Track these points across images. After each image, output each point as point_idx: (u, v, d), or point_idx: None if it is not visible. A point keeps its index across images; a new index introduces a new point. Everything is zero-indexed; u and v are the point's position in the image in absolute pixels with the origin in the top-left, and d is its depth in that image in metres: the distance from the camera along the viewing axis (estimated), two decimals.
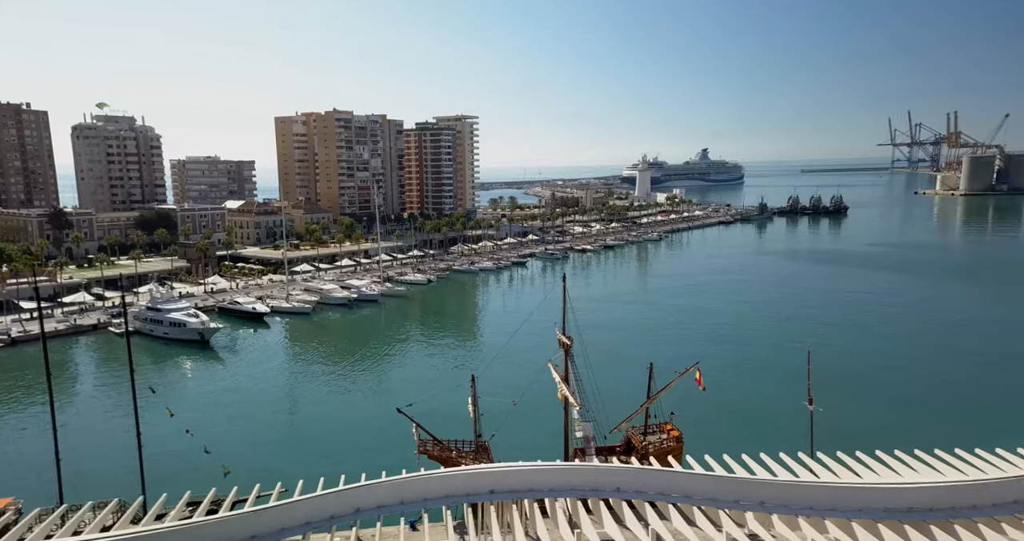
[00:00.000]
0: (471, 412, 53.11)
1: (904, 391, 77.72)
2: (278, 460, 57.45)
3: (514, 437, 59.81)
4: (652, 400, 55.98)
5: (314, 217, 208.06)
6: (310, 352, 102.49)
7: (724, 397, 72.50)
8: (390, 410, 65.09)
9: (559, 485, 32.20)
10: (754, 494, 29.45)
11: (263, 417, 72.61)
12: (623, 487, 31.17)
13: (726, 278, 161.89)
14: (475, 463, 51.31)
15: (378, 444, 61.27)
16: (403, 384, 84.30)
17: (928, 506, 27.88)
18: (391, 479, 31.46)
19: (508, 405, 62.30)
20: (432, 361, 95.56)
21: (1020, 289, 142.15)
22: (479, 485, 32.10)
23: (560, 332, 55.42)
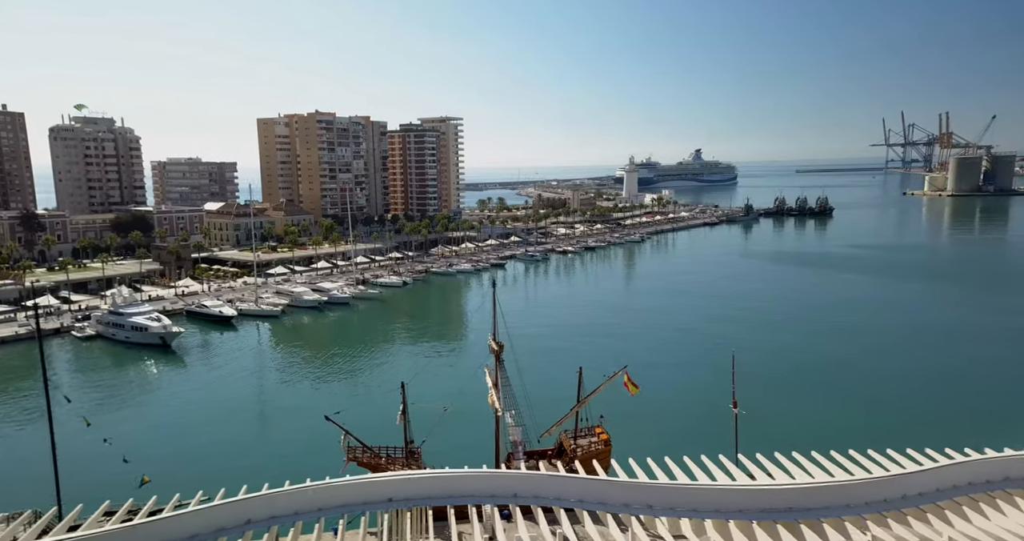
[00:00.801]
0: (398, 419, 53.21)
1: (839, 391, 79.04)
2: (207, 467, 57.25)
3: (448, 443, 59.86)
4: (581, 404, 56.30)
5: (294, 219, 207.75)
6: (268, 357, 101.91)
7: (661, 399, 73.21)
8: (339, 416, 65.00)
9: (457, 492, 32.29)
10: (642, 497, 29.91)
11: (201, 423, 72.25)
12: (520, 493, 31.39)
13: (694, 279, 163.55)
14: (404, 469, 51.55)
15: (316, 450, 61.02)
16: (348, 389, 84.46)
17: (806, 506, 28.53)
18: (284, 489, 31.32)
19: (443, 411, 62.31)
20: (384, 366, 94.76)
21: (986, 292, 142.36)
22: (377, 494, 32.09)
23: (491, 338, 55.64)
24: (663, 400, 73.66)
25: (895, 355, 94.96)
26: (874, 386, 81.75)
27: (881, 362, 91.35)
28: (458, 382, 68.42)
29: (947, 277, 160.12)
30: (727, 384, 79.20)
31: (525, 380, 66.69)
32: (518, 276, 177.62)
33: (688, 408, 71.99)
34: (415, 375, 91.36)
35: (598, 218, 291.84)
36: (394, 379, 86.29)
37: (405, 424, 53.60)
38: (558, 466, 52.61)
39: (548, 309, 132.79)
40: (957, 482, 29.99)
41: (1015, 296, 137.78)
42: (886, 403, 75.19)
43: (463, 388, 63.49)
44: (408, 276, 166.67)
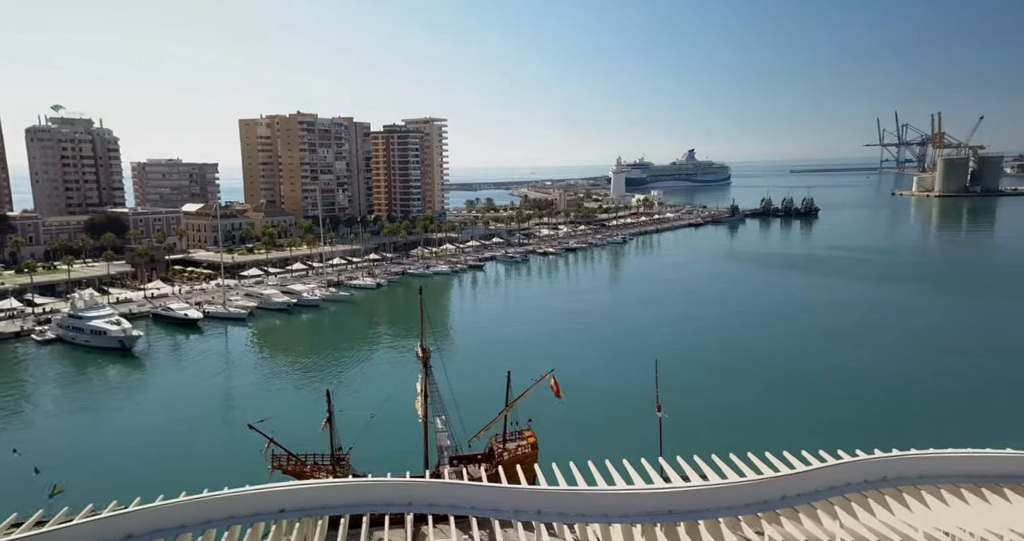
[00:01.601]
0: (322, 426, 53.16)
1: (782, 392, 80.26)
2: (132, 476, 57.05)
3: (380, 449, 59.97)
4: (509, 408, 56.57)
5: (274, 220, 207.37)
6: (225, 361, 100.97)
7: (598, 402, 74.46)
8: (267, 423, 64.90)
9: (351, 501, 32.24)
10: (531, 503, 30.28)
11: (135, 430, 71.75)
12: (415, 501, 31.44)
13: (667, 279, 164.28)
14: (330, 477, 51.53)
15: (249, 457, 60.80)
16: (292, 394, 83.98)
17: (686, 508, 28.92)
18: (172, 502, 31.08)
19: (378, 417, 62.32)
20: (334, 371, 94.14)
21: (950, 295, 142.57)
22: (268, 504, 31.93)
23: (418, 345, 55.66)
24: (601, 403, 74.36)
25: (845, 356, 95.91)
26: (818, 387, 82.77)
27: (828, 362, 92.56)
28: (399, 387, 68.35)
29: (916, 279, 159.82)
30: (666, 388, 79.66)
31: (466, 385, 66.71)
32: (494, 278, 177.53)
33: (622, 412, 72.23)
34: (358, 380, 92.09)
35: (582, 219, 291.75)
36: (340, 384, 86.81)
37: (331, 431, 53.62)
38: (481, 471, 53.07)
39: (511, 313, 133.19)
40: (835, 483, 30.38)
41: (975, 298, 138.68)
42: (825, 404, 76.26)
43: (399, 393, 63.52)
44: (383, 278, 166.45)
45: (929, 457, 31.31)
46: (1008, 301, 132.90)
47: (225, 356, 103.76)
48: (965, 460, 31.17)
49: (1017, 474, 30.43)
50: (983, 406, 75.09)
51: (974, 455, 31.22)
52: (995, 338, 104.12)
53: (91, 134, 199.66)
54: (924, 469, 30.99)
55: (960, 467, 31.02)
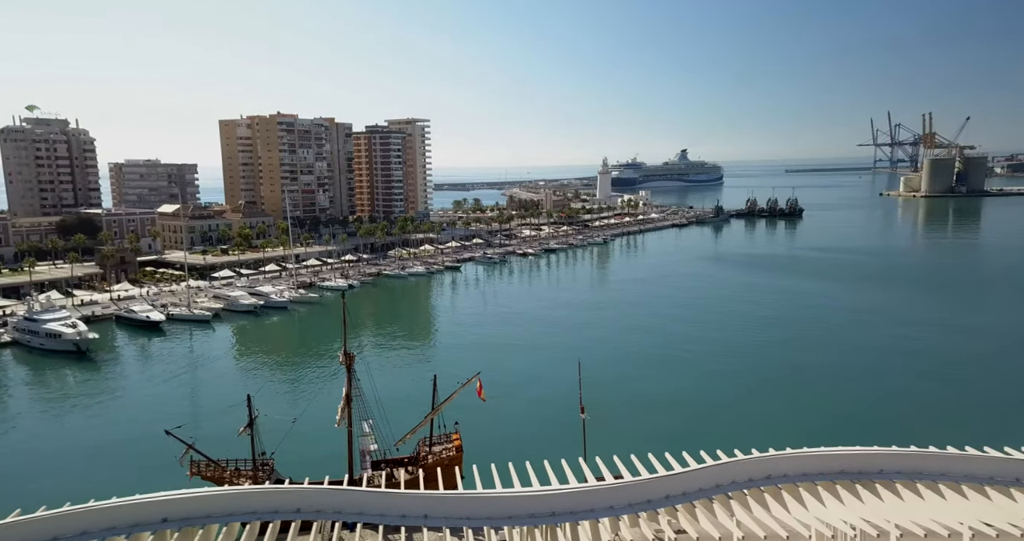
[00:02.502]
0: (241, 431, 52.76)
1: (689, 395, 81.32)
2: (46, 483, 56.50)
3: (310, 453, 59.64)
4: (435, 411, 56.48)
5: (251, 221, 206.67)
6: (178, 364, 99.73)
7: (534, 405, 75.53)
8: (201, 428, 64.51)
9: (237, 509, 31.82)
10: (415, 506, 30.29)
11: (66, 435, 71.13)
12: (304, 508, 31.01)
13: (631, 282, 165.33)
14: (252, 483, 51.17)
15: (173, 463, 60.27)
16: (228, 399, 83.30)
17: (570, 509, 29.34)
18: (48, 514, 30.50)
19: (311, 421, 62.08)
20: (277, 376, 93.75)
21: (897, 291, 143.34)
22: (149, 514, 31.45)
23: (341, 349, 55.30)
24: (543, 405, 74.84)
25: (791, 355, 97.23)
26: (755, 385, 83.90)
27: (773, 361, 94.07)
28: (334, 392, 67.83)
29: (871, 279, 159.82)
30: (604, 389, 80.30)
31: (403, 389, 66.17)
32: (468, 280, 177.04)
33: (563, 413, 72.82)
34: (302, 384, 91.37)
35: (566, 220, 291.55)
36: (283, 388, 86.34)
37: (252, 437, 53.24)
38: (398, 475, 52.82)
39: (472, 316, 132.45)
40: (720, 481, 31.08)
41: (914, 294, 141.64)
42: (758, 402, 77.25)
43: (334, 398, 62.82)
44: (357, 279, 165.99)
45: (809, 455, 32.06)
46: (961, 303, 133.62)
47: (180, 359, 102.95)
48: (844, 458, 31.96)
49: (891, 470, 31.72)
50: (905, 403, 76.66)
51: (851, 453, 32.07)
52: (936, 342, 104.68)
53: (66, 134, 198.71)
54: (805, 467, 31.76)
55: (840, 464, 31.84)
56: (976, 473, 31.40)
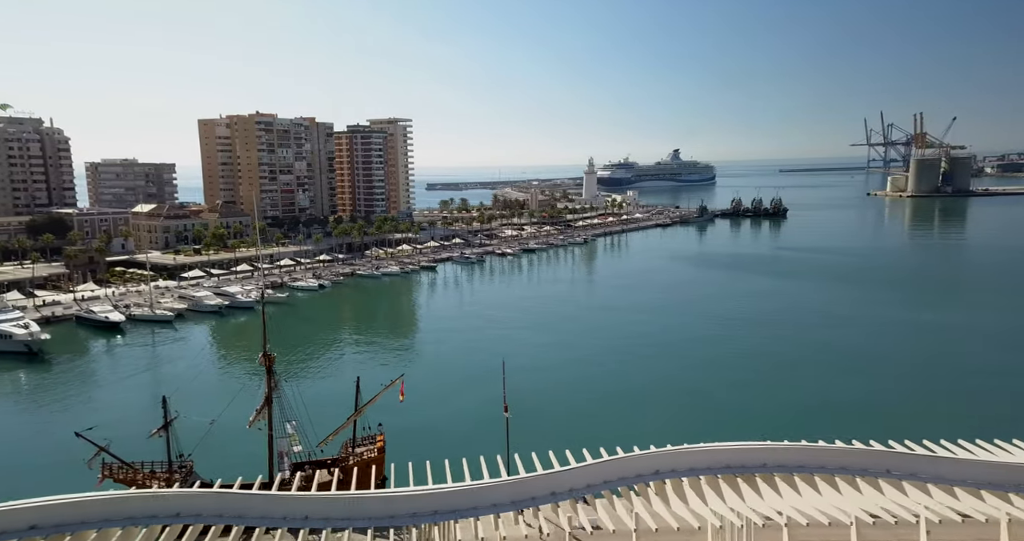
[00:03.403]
0: (153, 433, 52.08)
1: (611, 393, 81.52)
2: None
3: (234, 454, 58.95)
4: (358, 413, 56.19)
5: (228, 221, 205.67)
6: (128, 366, 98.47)
7: (458, 405, 76.35)
8: (127, 429, 63.46)
9: (113, 515, 31.29)
10: (300, 509, 30.66)
11: None
12: (183, 512, 30.89)
13: (601, 282, 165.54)
14: (166, 486, 50.45)
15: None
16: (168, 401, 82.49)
17: (453, 507, 30.56)
18: None
19: (237, 423, 61.02)
20: (216, 378, 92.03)
21: (870, 295, 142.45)
22: (14, 522, 30.83)
23: (261, 352, 54.73)
24: (468, 406, 75.64)
25: (729, 354, 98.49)
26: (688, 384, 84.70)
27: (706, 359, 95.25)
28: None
29: (841, 279, 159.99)
30: (536, 389, 79.94)
31: (338, 391, 65.20)
32: (442, 280, 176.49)
33: (483, 413, 72.44)
34: (235, 386, 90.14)
35: (549, 220, 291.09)
36: (220, 389, 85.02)
37: (168, 439, 52.55)
38: (319, 477, 52.34)
39: (433, 318, 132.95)
40: (608, 477, 32.23)
41: (867, 291, 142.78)
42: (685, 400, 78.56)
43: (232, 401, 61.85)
44: (329, 279, 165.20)
45: (695, 451, 33.27)
46: (919, 301, 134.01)
47: (132, 360, 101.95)
48: (729, 453, 33.14)
49: (773, 464, 33.10)
50: (811, 400, 78.01)
51: (736, 448, 33.23)
52: (872, 339, 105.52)
53: (40, 133, 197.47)
54: (692, 462, 33.00)
55: (725, 459, 33.06)
56: (849, 465, 32.71)
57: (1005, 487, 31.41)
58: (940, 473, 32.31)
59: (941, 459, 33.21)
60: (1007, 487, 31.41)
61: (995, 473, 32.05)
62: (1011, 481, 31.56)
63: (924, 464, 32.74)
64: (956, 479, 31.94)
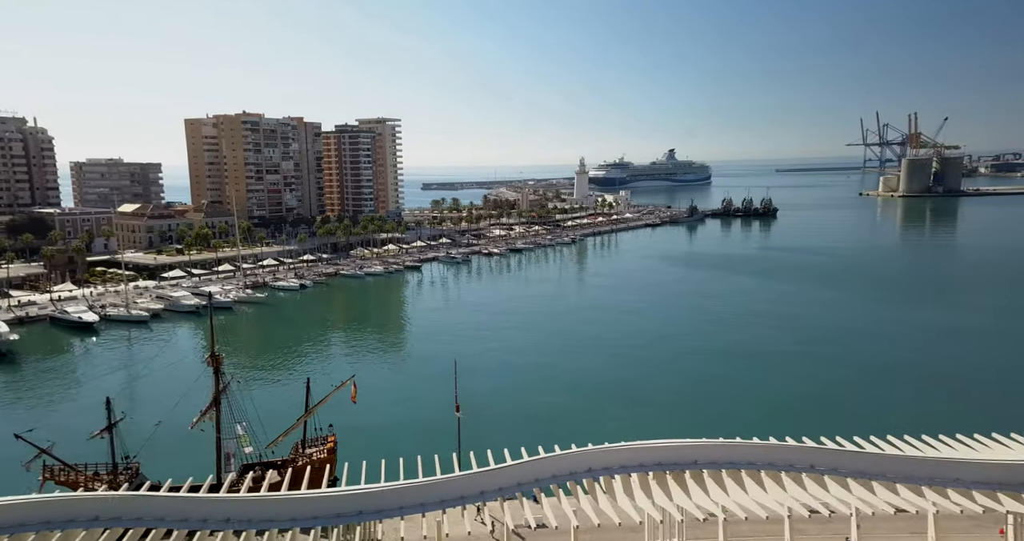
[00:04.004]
0: (94, 435, 51.57)
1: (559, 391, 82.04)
2: None
3: (185, 455, 58.26)
4: (309, 413, 55.87)
5: (212, 221, 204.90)
6: (92, 367, 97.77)
7: (407, 406, 77.12)
8: (73, 431, 62.64)
9: (52, 518, 31.00)
10: (243, 511, 30.52)
11: None
12: (102, 515, 30.50)
13: (581, 283, 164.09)
14: (110, 488, 49.91)
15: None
16: (121, 404, 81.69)
17: (383, 506, 30.99)
18: None
19: (156, 425, 59.19)
20: (176, 380, 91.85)
21: (839, 295, 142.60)
22: None
23: (208, 352, 54.30)
24: (422, 406, 75.90)
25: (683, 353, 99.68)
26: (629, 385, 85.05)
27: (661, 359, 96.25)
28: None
29: (812, 279, 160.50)
30: (495, 389, 79.30)
31: (290, 392, 64.11)
32: (425, 280, 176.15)
33: (426, 413, 72.99)
34: (196, 388, 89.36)
35: (538, 220, 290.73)
36: (176, 390, 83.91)
37: (112, 441, 52.02)
38: (267, 477, 51.74)
39: (401, 318, 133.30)
40: (539, 475, 32.93)
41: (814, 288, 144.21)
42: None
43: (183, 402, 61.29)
44: (311, 279, 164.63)
45: (627, 449, 33.78)
46: (885, 302, 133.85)
47: (101, 361, 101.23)
48: (661, 450, 33.82)
49: (705, 460, 33.95)
50: (749, 397, 79.22)
51: (668, 445, 34.04)
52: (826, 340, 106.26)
53: (23, 133, 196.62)
54: (624, 460, 33.61)
55: (657, 456, 33.73)
56: (776, 461, 33.50)
57: (931, 481, 32.03)
58: (860, 468, 32.73)
59: (865, 455, 33.64)
60: (932, 481, 32.00)
61: (921, 468, 32.53)
62: (936, 475, 32.23)
63: (847, 459, 33.20)
64: (880, 473, 32.47)
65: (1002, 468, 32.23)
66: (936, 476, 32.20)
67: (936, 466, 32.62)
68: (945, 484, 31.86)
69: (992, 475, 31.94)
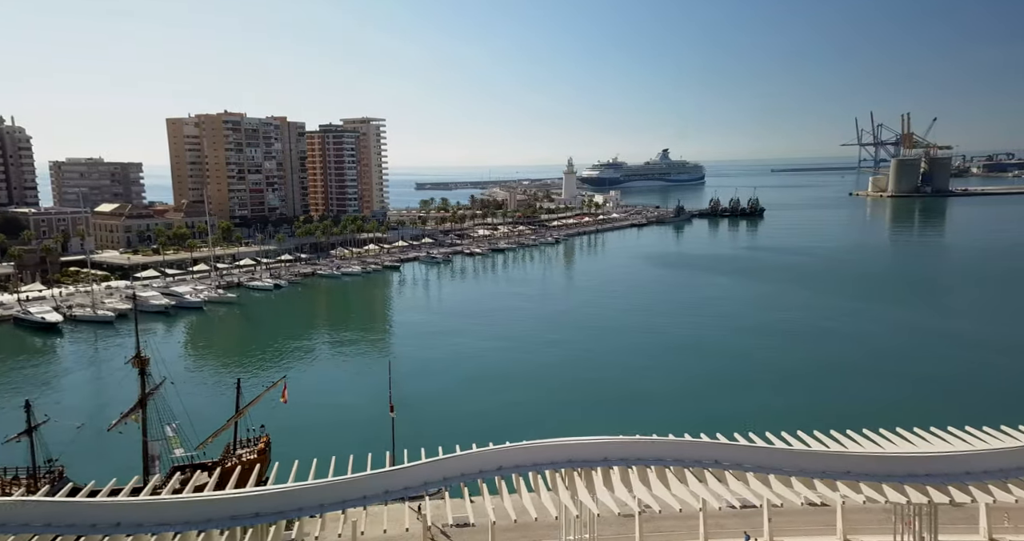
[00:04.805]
0: (10, 438, 50.88)
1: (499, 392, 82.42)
2: None
3: (113, 458, 57.55)
4: (239, 414, 55.24)
5: (191, 221, 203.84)
6: (45, 368, 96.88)
7: (343, 406, 77.47)
8: None
9: None
10: (153, 515, 30.45)
11: None
12: (32, 521, 30.01)
13: (542, 281, 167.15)
14: (28, 492, 49.20)
15: None
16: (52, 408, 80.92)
17: (317, 502, 31.48)
18: None
19: (126, 426, 59.25)
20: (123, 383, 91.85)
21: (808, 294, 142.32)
22: None
23: (134, 353, 53.65)
24: (334, 407, 76.51)
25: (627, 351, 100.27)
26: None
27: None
28: None
29: (792, 280, 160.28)
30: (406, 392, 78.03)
31: (178, 393, 63.13)
32: (401, 280, 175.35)
33: (363, 412, 72.60)
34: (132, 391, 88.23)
35: (523, 220, 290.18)
36: (111, 394, 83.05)
37: (32, 444, 51.23)
38: (198, 479, 51.13)
39: (364, 320, 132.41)
40: (447, 474, 33.45)
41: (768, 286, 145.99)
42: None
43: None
44: (287, 279, 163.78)
45: (540, 446, 34.27)
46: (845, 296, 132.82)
47: (56, 362, 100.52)
48: (572, 447, 34.30)
49: (615, 457, 34.57)
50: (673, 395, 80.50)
51: (578, 443, 34.59)
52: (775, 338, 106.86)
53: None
54: (536, 457, 34.09)
55: (567, 454, 34.20)
56: (683, 457, 34.21)
57: (840, 475, 32.79)
58: (763, 463, 33.45)
59: (772, 450, 34.33)
60: (840, 475, 32.78)
61: (828, 462, 33.35)
62: (842, 469, 33.09)
63: (751, 455, 33.86)
64: (781, 468, 33.19)
65: (908, 461, 33.07)
66: (845, 470, 32.83)
67: (841, 460, 33.41)
68: (858, 478, 32.53)
69: (898, 468, 32.72)
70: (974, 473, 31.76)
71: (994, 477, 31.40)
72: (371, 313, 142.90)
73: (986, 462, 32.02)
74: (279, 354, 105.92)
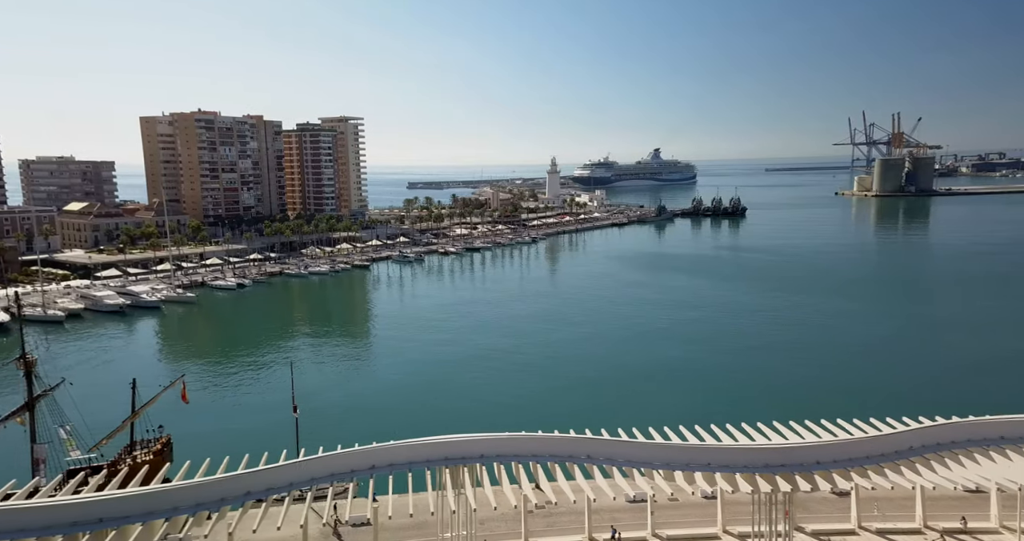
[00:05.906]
0: None
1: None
2: None
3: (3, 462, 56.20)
4: (135, 415, 54.32)
5: (160, 220, 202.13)
6: None
7: (249, 406, 77.20)
8: None
9: None
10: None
11: None
12: None
13: (504, 281, 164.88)
14: None
15: None
16: None
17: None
18: None
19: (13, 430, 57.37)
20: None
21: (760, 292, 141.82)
22: None
23: (19, 354, 52.28)
24: (236, 407, 76.46)
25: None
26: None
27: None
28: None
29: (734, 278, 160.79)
30: None
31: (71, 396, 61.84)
32: (369, 278, 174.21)
33: (266, 412, 71.85)
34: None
35: (503, 219, 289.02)
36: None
37: None
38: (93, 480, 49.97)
39: (313, 321, 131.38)
40: (315, 474, 33.99)
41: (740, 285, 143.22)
42: None
43: None
44: (252, 278, 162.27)
45: (409, 445, 34.67)
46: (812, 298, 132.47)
47: None
48: (446, 445, 34.74)
49: (492, 454, 34.83)
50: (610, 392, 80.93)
51: (500, 438, 35.04)
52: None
53: None
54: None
55: (443, 451, 34.72)
56: (558, 452, 34.86)
57: (697, 467, 33.49)
58: (634, 457, 34.17)
59: (644, 444, 35.02)
60: (699, 467, 33.50)
61: (691, 455, 33.97)
62: (703, 461, 33.53)
63: (618, 448, 34.52)
64: (649, 461, 33.97)
65: (765, 453, 33.56)
66: (706, 462, 33.35)
67: (704, 453, 33.95)
68: (717, 470, 33.07)
69: (756, 460, 33.25)
70: (824, 463, 32.95)
71: (842, 466, 32.62)
72: (322, 313, 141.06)
73: (833, 452, 33.20)
74: (223, 355, 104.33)
